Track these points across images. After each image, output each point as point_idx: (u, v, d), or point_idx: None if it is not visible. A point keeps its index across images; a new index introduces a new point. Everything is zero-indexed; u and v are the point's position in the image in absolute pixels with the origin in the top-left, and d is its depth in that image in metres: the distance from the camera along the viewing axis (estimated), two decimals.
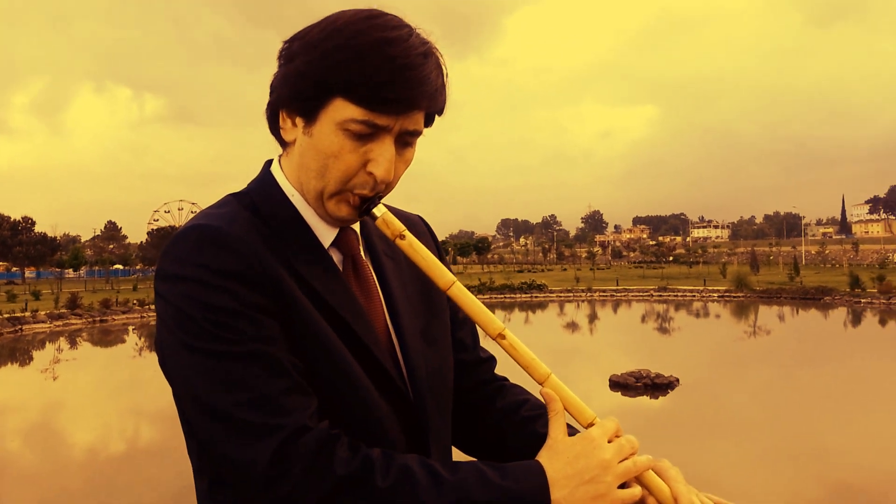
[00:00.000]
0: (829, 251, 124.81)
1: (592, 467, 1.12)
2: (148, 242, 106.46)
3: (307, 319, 1.15)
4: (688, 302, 47.68)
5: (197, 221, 1.17)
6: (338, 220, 1.24)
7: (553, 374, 1.22)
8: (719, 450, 11.55)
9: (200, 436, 1.11)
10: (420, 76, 1.14)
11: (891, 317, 36.18)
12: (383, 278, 1.33)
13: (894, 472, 10.68)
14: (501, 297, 50.47)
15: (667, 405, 15.28)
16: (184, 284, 1.10)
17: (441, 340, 1.38)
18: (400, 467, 1.08)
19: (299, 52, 1.17)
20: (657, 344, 27.52)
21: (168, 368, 1.14)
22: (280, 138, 1.26)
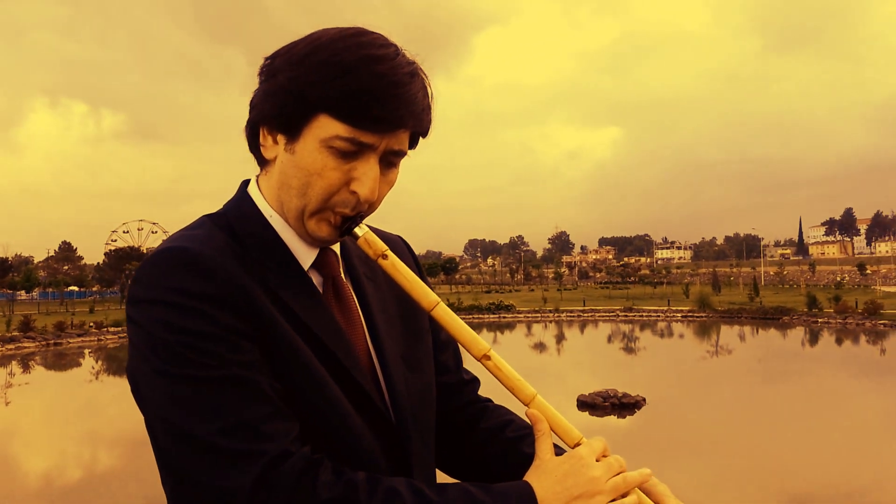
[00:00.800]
0: (787, 272, 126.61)
1: (582, 485, 1.11)
2: (105, 263, 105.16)
3: (287, 343, 1.12)
4: (653, 322, 48.09)
5: (170, 244, 1.13)
6: (318, 239, 1.21)
7: (539, 395, 1.21)
8: (684, 467, 11.63)
9: (178, 465, 1.06)
10: (407, 95, 1.12)
11: (847, 336, 36.74)
12: (364, 301, 1.31)
13: (850, 487, 10.83)
14: (469, 317, 50.42)
15: (634, 424, 15.39)
16: (157, 308, 1.06)
17: (423, 363, 1.35)
18: (386, 490, 1.05)
19: (282, 68, 1.15)
20: (624, 364, 27.72)
21: (141, 396, 1.10)
22: (260, 156, 1.24)
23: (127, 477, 12.52)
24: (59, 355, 34.08)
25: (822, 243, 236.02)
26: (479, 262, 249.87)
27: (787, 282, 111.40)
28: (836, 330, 39.47)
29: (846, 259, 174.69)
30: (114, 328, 42.18)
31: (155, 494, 9.66)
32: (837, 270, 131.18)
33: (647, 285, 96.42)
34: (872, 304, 42.71)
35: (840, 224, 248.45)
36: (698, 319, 48.33)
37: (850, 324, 41.05)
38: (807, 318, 44.50)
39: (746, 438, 14.17)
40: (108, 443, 15.57)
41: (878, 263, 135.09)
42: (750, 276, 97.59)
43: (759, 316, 47.35)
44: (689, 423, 15.57)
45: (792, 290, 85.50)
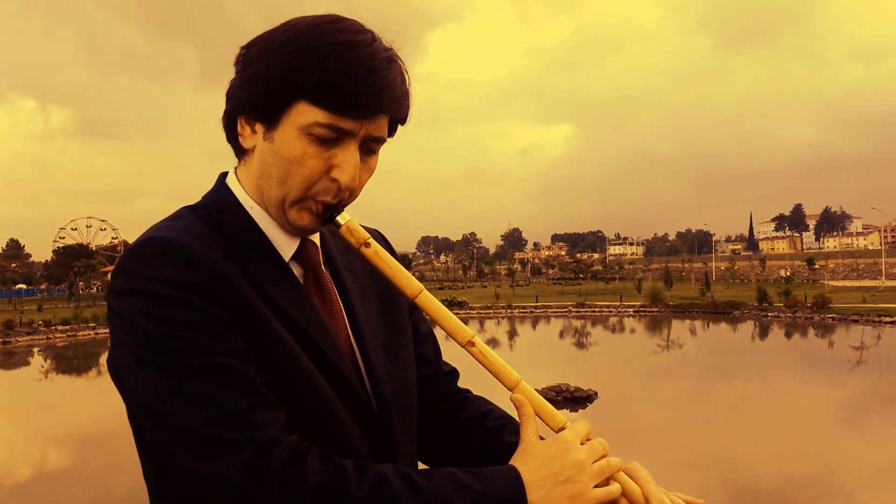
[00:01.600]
0: (737, 267, 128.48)
1: (567, 468, 1.12)
2: (54, 261, 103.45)
3: (271, 333, 1.12)
4: (605, 317, 48.50)
5: (152, 234, 1.12)
6: (300, 229, 1.21)
7: (523, 381, 1.21)
8: (635, 459, 11.65)
9: (164, 455, 1.06)
10: (385, 80, 1.13)
11: (796, 329, 37.39)
12: (344, 292, 1.30)
13: (796, 477, 11.03)
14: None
15: (586, 417, 15.42)
16: (140, 299, 1.05)
17: (404, 354, 1.36)
18: (375, 476, 1.05)
19: (259, 56, 1.14)
20: (576, 359, 27.92)
21: (125, 387, 1.09)
22: (238, 147, 1.23)
23: (76, 476, 12.36)
24: (8, 354, 33.58)
25: (772, 239, 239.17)
26: (432, 259, 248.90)
27: (738, 277, 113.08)
28: (786, 324, 40.14)
29: (795, 254, 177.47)
30: (62, 326, 41.70)
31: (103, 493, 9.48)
32: (787, 265, 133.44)
33: (599, 281, 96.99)
34: (821, 299, 43.49)
35: (790, 220, 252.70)
36: (650, 314, 48.86)
37: (799, 318, 41.76)
38: (757, 313, 45.25)
39: (696, 430, 14.39)
40: (57, 442, 15.36)
41: (826, 258, 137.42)
42: (701, 272, 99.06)
43: (710, 310, 48.01)
44: (639, 416, 15.70)
45: (742, 284, 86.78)
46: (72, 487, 11.43)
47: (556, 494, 1.10)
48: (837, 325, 37.94)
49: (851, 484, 10.90)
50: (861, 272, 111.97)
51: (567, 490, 1.10)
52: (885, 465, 11.87)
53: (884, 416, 16.29)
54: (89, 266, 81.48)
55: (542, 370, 22.81)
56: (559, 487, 1.10)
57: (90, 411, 19.12)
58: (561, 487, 1.10)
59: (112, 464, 12.95)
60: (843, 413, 16.67)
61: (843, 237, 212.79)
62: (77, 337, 40.30)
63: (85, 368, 30.27)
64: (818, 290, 53.43)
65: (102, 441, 15.19)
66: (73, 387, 25.08)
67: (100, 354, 33.93)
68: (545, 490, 1.10)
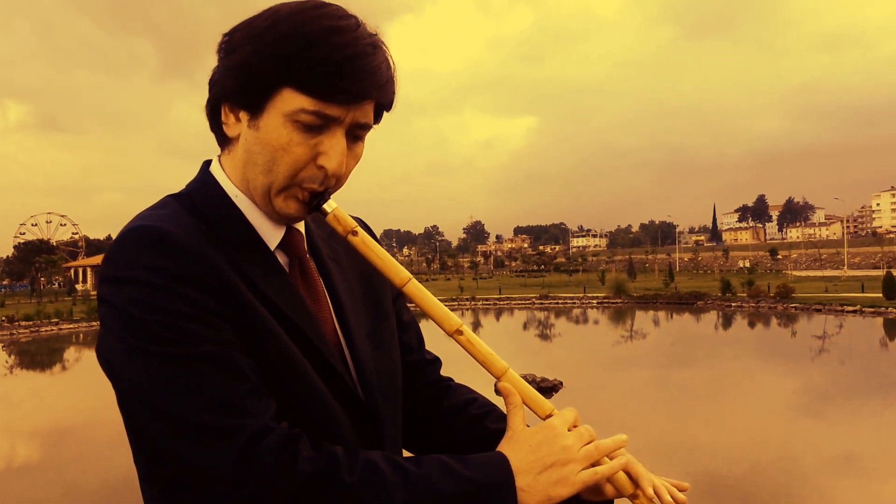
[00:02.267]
0: (701, 258, 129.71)
1: (555, 454, 1.13)
2: (14, 256, 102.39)
3: (259, 322, 1.11)
4: (568, 309, 48.82)
5: (139, 222, 1.11)
6: (286, 217, 1.20)
7: (511, 369, 1.22)
8: None
9: (156, 444, 1.05)
10: (370, 66, 1.12)
11: (759, 319, 37.84)
12: (329, 281, 1.30)
13: (758, 463, 11.16)
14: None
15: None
16: (132, 287, 1.05)
17: (389, 343, 1.36)
18: (365, 462, 1.06)
19: (242, 43, 1.13)
20: (540, 350, 28.07)
21: (116, 376, 1.08)
22: (221, 135, 1.21)
23: (46, 469, 12.37)
24: None
25: (736, 229, 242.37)
26: (395, 252, 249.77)
27: (702, 267, 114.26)
28: (749, 313, 40.69)
29: (759, 245, 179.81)
30: (25, 322, 41.66)
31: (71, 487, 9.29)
32: (750, 256, 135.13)
33: (562, 273, 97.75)
34: (784, 289, 44.15)
35: (753, 210, 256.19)
36: (614, 305, 49.30)
37: (762, 307, 42.35)
38: (720, 303, 45.79)
39: (659, 419, 14.50)
40: (25, 436, 15.31)
41: (789, 249, 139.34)
42: (665, 263, 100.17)
43: (673, 301, 48.52)
44: (604, 405, 15.81)
45: (706, 275, 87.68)
46: (41, 482, 11.48)
47: (545, 479, 1.11)
48: (800, 315, 38.49)
49: (813, 470, 11.02)
50: (824, 262, 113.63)
51: (555, 475, 1.12)
52: (845, 451, 12.05)
53: (845, 403, 16.56)
54: (50, 262, 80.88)
55: (507, 361, 22.77)
56: (547, 472, 1.12)
57: (56, 406, 19.26)
58: (549, 472, 1.12)
59: (80, 458, 13.13)
60: (805, 401, 16.90)
61: (806, 227, 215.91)
62: (40, 333, 40.26)
63: (49, 364, 30.29)
64: (781, 280, 54.11)
65: (70, 435, 15.35)
66: (38, 382, 25.10)
67: (63, 350, 33.88)
68: (533, 475, 1.11)
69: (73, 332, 40.72)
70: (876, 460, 11.37)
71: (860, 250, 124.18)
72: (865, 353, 24.71)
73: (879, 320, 34.66)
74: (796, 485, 10.16)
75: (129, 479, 10.00)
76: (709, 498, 9.51)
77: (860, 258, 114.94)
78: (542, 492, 1.10)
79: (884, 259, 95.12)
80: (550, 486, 1.11)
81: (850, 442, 12.58)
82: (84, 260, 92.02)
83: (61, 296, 69.52)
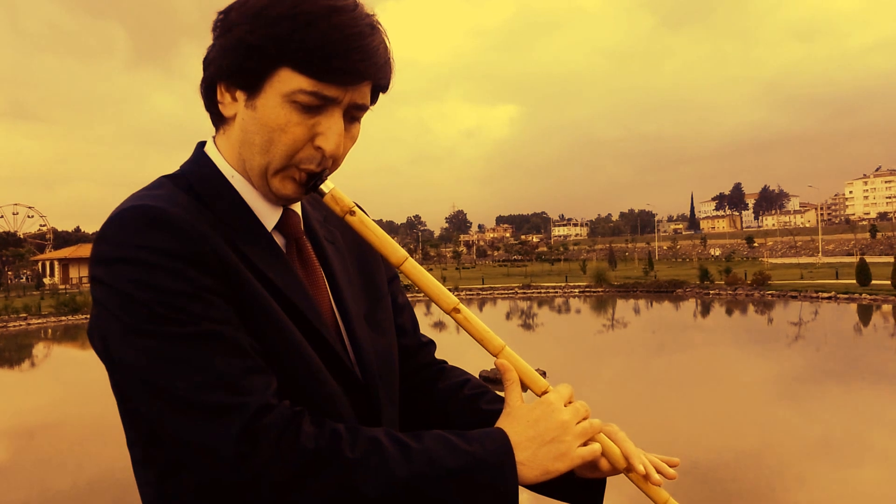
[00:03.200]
0: (680, 246, 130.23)
1: (552, 429, 1.14)
2: None
3: (257, 301, 1.12)
4: (550, 298, 48.85)
5: (135, 202, 1.10)
6: (283, 198, 1.20)
7: (507, 347, 1.24)
8: None
9: (157, 423, 1.06)
10: (369, 47, 1.12)
11: (736, 306, 38.10)
12: (326, 262, 1.30)
13: (740, 451, 11.25)
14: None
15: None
16: (129, 267, 1.04)
17: (385, 324, 1.37)
18: (368, 438, 1.07)
19: (239, 21, 1.12)
20: (523, 339, 28.04)
21: (112, 357, 1.08)
22: (217, 114, 1.21)
23: (15, 470, 12.09)
24: None
25: (713, 218, 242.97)
26: None
27: (680, 256, 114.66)
28: (727, 301, 40.93)
29: (735, 233, 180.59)
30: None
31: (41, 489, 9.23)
32: (727, 244, 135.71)
33: (544, 262, 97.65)
34: (760, 276, 44.46)
35: (729, 199, 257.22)
36: (595, 294, 49.44)
37: (739, 295, 42.65)
38: (699, 290, 46.05)
39: (640, 407, 14.55)
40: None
41: (765, 236, 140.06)
42: (644, 251, 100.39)
43: (653, 289, 48.69)
44: (586, 394, 15.38)
45: (685, 263, 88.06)
46: (10, 482, 11.17)
47: (543, 454, 1.13)
48: (776, 302, 38.75)
49: (792, 456, 11.12)
50: (799, 249, 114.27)
51: (553, 450, 1.13)
52: (823, 437, 12.15)
53: (821, 389, 16.66)
54: (18, 255, 79.51)
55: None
56: (545, 447, 1.13)
57: (25, 404, 18.63)
58: (547, 447, 1.13)
59: (50, 458, 12.69)
60: (783, 387, 17.00)
61: (782, 215, 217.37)
62: (8, 328, 39.11)
63: (17, 360, 29.49)
64: (758, 268, 54.51)
65: (39, 434, 14.89)
66: (6, 379, 24.48)
67: (32, 346, 33.20)
68: (532, 450, 1.12)
69: (42, 327, 39.61)
70: (852, 446, 11.51)
71: (834, 237, 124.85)
72: (840, 340, 24.95)
73: (853, 306, 35.01)
74: (776, 472, 10.20)
75: (102, 479, 9.86)
76: (690, 486, 9.67)
77: (834, 245, 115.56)
78: (540, 466, 1.12)
79: (857, 246, 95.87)
80: (549, 460, 1.12)
81: (827, 428, 12.69)
82: (52, 253, 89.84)
83: (29, 290, 67.78)
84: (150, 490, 1.17)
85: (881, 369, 19.07)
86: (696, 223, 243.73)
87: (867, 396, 15.50)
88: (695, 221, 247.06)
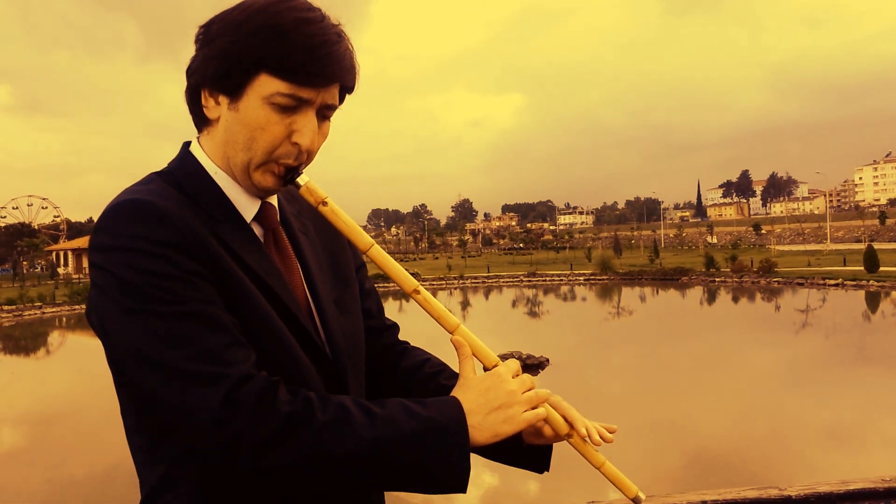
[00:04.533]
0: (686, 234, 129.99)
1: (501, 397, 1.28)
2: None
3: (239, 285, 1.25)
4: (556, 286, 48.91)
5: (128, 196, 1.23)
6: (263, 190, 1.33)
7: (462, 325, 1.37)
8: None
9: (149, 391, 1.17)
10: (337, 52, 1.25)
11: (742, 294, 38.09)
12: (299, 251, 1.43)
13: (746, 438, 11.26)
14: (375, 285, 50.32)
15: (537, 384, 15.60)
16: (124, 254, 1.17)
17: (353, 308, 1.50)
18: (336, 404, 1.20)
19: (220, 34, 1.25)
20: (528, 327, 28.16)
21: (108, 334, 1.20)
22: (201, 118, 1.34)
23: (32, 458, 12.21)
24: None
25: (720, 205, 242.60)
26: (384, 231, 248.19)
27: (687, 243, 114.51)
28: (733, 288, 40.90)
29: (743, 220, 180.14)
30: (8, 306, 41.29)
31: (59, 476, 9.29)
32: (734, 231, 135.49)
33: (550, 250, 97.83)
34: (767, 263, 44.33)
35: (737, 186, 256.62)
36: (600, 282, 49.40)
37: (745, 282, 42.54)
38: (705, 278, 45.95)
39: (647, 395, 14.58)
40: (11, 423, 15.26)
41: (773, 223, 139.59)
42: (650, 239, 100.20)
43: (658, 277, 48.59)
44: (590, 382, 15.94)
45: (691, 251, 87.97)
46: (27, 469, 11.32)
47: (492, 419, 1.27)
48: (784, 289, 38.70)
49: (800, 444, 11.13)
50: (807, 236, 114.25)
51: (501, 415, 1.27)
52: (831, 425, 12.16)
53: (830, 375, 16.69)
54: (32, 245, 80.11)
55: (495, 338, 22.95)
56: (494, 413, 1.27)
57: (42, 392, 19.04)
58: (496, 413, 1.27)
59: (67, 445, 12.92)
60: (791, 374, 17.03)
61: (790, 202, 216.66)
62: (23, 317, 39.81)
63: (33, 349, 29.98)
64: (765, 255, 54.38)
65: (56, 422, 15.08)
66: (23, 367, 24.95)
67: (47, 334, 33.54)
68: (482, 415, 1.26)
69: (57, 315, 40.38)
70: (861, 433, 11.56)
71: (843, 224, 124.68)
72: (848, 327, 24.95)
73: (861, 293, 34.96)
74: (784, 459, 10.27)
75: (117, 466, 9.90)
76: (699, 472, 9.70)
77: (843, 232, 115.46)
78: (490, 429, 1.26)
79: (866, 233, 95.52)
80: (498, 424, 1.26)
81: (835, 415, 12.73)
82: (66, 243, 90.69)
83: (44, 279, 68.77)
84: (142, 454, 1.29)
85: (890, 356, 19.09)
86: (703, 211, 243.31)
87: (876, 383, 15.53)
88: (701, 209, 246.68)
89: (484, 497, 9.08)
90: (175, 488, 1.26)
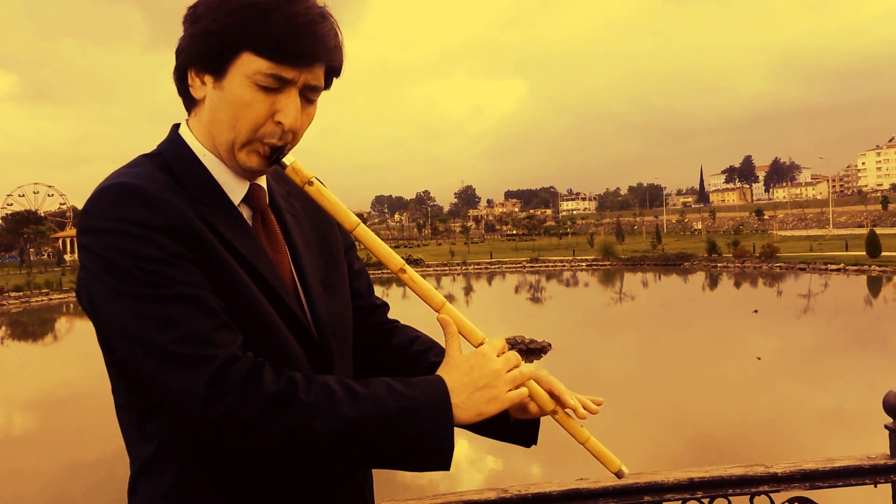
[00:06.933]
0: (688, 219, 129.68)
1: (485, 376, 1.28)
2: (3, 228, 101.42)
3: (225, 268, 1.25)
4: (558, 272, 48.92)
5: (116, 179, 1.23)
6: (249, 170, 1.32)
7: (448, 303, 1.36)
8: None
9: (137, 372, 1.20)
10: (320, 32, 1.25)
11: (744, 279, 38.07)
12: (287, 233, 1.43)
13: (745, 420, 11.32)
14: (379, 272, 50.42)
15: (537, 366, 15.64)
16: (111, 237, 1.17)
17: (340, 289, 1.50)
18: (320, 384, 1.21)
19: (205, 13, 1.25)
20: (531, 312, 28.18)
21: (98, 315, 1.22)
22: (189, 98, 1.34)
23: (42, 441, 12.28)
24: None
25: (723, 191, 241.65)
26: (387, 217, 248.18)
27: (689, 229, 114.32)
28: (735, 273, 40.94)
29: (745, 205, 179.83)
30: (15, 293, 41.34)
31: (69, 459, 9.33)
32: (737, 217, 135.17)
33: (552, 236, 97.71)
34: (769, 248, 44.34)
35: (740, 171, 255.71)
36: (602, 268, 49.42)
37: (747, 267, 42.55)
38: (707, 263, 45.99)
39: (649, 380, 14.62)
40: (21, 407, 15.35)
41: (775, 209, 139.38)
42: (653, 225, 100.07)
43: (661, 262, 48.63)
44: (592, 366, 15.95)
45: (693, 236, 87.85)
46: (38, 452, 11.37)
47: (476, 398, 1.27)
48: (786, 274, 38.69)
49: (803, 426, 11.19)
50: (809, 221, 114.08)
51: (485, 394, 1.27)
52: (832, 409, 12.20)
53: (831, 361, 16.71)
54: (39, 232, 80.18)
55: (498, 324, 23.01)
56: (479, 392, 1.27)
57: (50, 377, 19.12)
58: (480, 392, 1.27)
59: (76, 429, 12.98)
60: (793, 358, 17.06)
61: (792, 187, 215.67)
62: (30, 303, 39.98)
63: (41, 334, 30.06)
64: (767, 240, 54.33)
65: (65, 406, 15.11)
66: (31, 353, 25.05)
67: (55, 320, 33.59)
68: (466, 394, 1.26)
69: (64, 301, 40.59)
70: (864, 416, 11.62)
71: (845, 209, 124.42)
72: (850, 311, 24.99)
73: (863, 278, 35.05)
74: (785, 444, 10.31)
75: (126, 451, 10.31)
76: (700, 456, 9.72)
77: (846, 217, 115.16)
78: (474, 408, 1.26)
79: (868, 218, 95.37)
80: (482, 403, 1.26)
81: (838, 398, 12.79)
82: (72, 230, 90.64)
83: (50, 266, 69.03)
84: (131, 430, 1.31)
85: (892, 340, 19.11)
86: (706, 196, 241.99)
87: (878, 367, 15.51)
88: (704, 195, 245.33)
89: (487, 481, 9.16)
90: (164, 466, 1.27)
